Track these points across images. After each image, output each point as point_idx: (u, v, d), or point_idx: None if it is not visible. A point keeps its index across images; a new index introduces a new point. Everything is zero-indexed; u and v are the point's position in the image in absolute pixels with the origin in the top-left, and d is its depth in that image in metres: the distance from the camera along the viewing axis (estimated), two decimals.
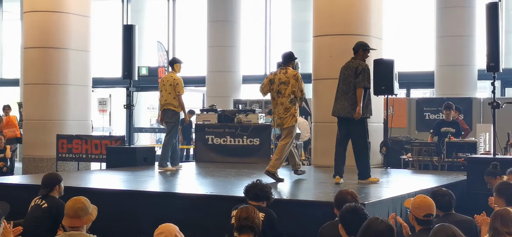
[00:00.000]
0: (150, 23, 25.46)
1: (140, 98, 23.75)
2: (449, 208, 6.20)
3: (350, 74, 9.35)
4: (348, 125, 9.48)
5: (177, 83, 11.67)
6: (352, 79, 9.30)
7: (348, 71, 9.42)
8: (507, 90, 20.39)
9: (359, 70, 9.25)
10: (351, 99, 9.30)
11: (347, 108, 9.34)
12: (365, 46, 9.59)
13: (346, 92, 9.38)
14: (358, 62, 9.38)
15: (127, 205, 8.26)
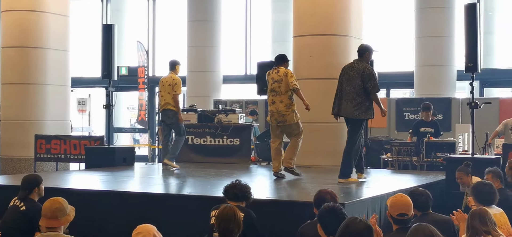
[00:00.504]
0: (130, 23, 25.34)
1: (119, 98, 23.61)
2: (426, 208, 6.23)
3: (356, 76, 9.42)
4: (348, 124, 9.72)
5: (175, 83, 11.86)
6: (358, 80, 9.37)
7: (353, 72, 9.50)
8: (485, 90, 20.55)
9: (366, 74, 9.35)
10: (355, 100, 9.40)
11: (349, 109, 9.46)
12: (371, 49, 9.73)
13: (349, 93, 9.46)
14: (364, 65, 9.47)
15: (105, 206, 8.21)
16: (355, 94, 9.39)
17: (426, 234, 4.45)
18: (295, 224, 6.11)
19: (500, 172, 7.97)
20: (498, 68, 20.49)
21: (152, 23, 24.61)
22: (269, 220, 6.96)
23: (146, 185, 10.57)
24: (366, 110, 9.41)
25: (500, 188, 7.65)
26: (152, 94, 23.45)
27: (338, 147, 12.16)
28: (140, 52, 21.39)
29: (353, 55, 12.44)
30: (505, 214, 6.55)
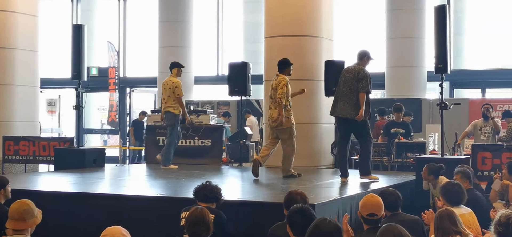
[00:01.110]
0: (100, 23, 25.16)
1: (90, 98, 23.47)
2: (395, 208, 6.25)
3: (352, 77, 9.66)
4: (348, 125, 9.78)
5: (175, 86, 12.01)
6: (353, 82, 9.61)
7: (349, 74, 9.75)
8: (455, 91, 20.74)
9: (361, 75, 9.62)
10: (352, 100, 9.60)
11: (347, 109, 9.62)
12: (370, 55, 10.07)
13: (346, 94, 9.67)
14: (359, 68, 9.74)
15: (75, 208, 8.11)
16: (352, 94, 9.60)
17: (395, 234, 4.45)
18: (266, 225, 6.08)
19: (469, 172, 8.03)
20: (468, 69, 20.71)
21: (123, 24, 24.47)
22: (240, 221, 6.93)
23: (116, 186, 10.47)
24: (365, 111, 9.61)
25: (469, 188, 7.71)
26: (123, 95, 23.31)
27: (312, 148, 12.23)
28: (110, 52, 21.22)
29: (324, 56, 12.53)
30: (474, 214, 6.60)
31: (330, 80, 12.14)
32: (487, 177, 10.40)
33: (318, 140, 12.45)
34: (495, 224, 4.71)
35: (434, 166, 8.86)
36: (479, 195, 8.13)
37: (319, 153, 12.44)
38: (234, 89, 13.32)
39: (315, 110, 12.50)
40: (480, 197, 8.02)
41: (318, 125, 12.53)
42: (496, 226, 4.68)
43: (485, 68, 20.69)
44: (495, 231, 4.70)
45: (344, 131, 9.93)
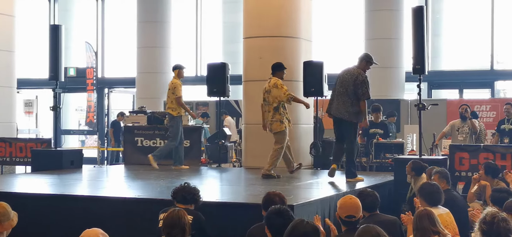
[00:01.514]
0: (78, 23, 24.99)
1: (68, 99, 23.27)
2: (373, 209, 6.26)
3: (349, 79, 9.71)
4: (340, 126, 9.91)
5: (174, 87, 12.06)
6: (351, 84, 9.66)
7: (347, 76, 9.79)
8: (433, 91, 20.87)
9: (359, 80, 9.64)
10: (347, 102, 9.68)
11: (340, 109, 9.75)
12: (371, 59, 10.09)
13: (341, 94, 9.74)
14: (358, 71, 9.78)
15: (52, 210, 8.04)
16: (347, 97, 9.68)
17: (372, 235, 4.46)
18: (244, 226, 6.07)
19: (447, 173, 8.07)
20: (446, 70, 20.86)
21: (101, 24, 24.33)
22: (218, 223, 6.90)
23: (94, 188, 10.40)
24: (356, 114, 9.69)
25: (447, 189, 7.75)
26: (101, 96, 23.17)
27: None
28: (88, 53, 21.11)
29: (303, 56, 12.53)
30: (451, 214, 6.63)
31: (308, 81, 12.16)
32: (464, 177, 10.48)
33: (297, 141, 12.44)
34: (480, 222, 4.73)
35: (419, 164, 8.92)
36: (457, 195, 8.18)
37: (298, 153, 12.42)
38: (212, 90, 13.29)
39: (294, 111, 12.47)
40: (458, 198, 8.07)
41: (296, 125, 12.51)
42: (481, 224, 4.71)
43: (463, 69, 20.85)
44: (480, 229, 4.73)
45: (339, 132, 10.04)
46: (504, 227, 4.64)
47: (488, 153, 10.54)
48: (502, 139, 13.17)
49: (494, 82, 20.44)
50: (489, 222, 4.67)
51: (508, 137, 13.04)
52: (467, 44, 21.21)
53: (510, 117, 13.43)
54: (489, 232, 4.64)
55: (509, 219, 4.74)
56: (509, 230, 4.66)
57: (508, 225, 4.67)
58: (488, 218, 4.70)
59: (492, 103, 17.25)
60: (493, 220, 4.65)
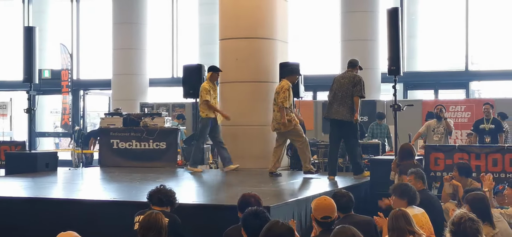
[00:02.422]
0: (53, 25, 24.78)
1: (43, 101, 23.08)
2: (348, 210, 6.28)
3: (347, 83, 10.40)
4: (341, 127, 10.45)
5: (201, 91, 11.86)
6: (350, 87, 10.35)
7: (344, 80, 10.48)
8: (409, 92, 20.99)
9: (356, 80, 10.39)
10: (348, 104, 10.31)
11: (343, 112, 10.33)
12: (359, 64, 10.82)
13: (342, 98, 10.37)
14: (354, 74, 10.51)
15: (27, 214, 7.95)
16: (347, 98, 10.32)
17: (348, 235, 4.48)
18: (220, 228, 6.05)
19: (422, 173, 8.11)
20: (421, 71, 21.00)
21: (76, 25, 24.17)
22: (195, 225, 6.88)
23: (69, 191, 10.31)
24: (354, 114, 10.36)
25: (423, 189, 7.79)
26: (76, 98, 23.00)
27: (266, 150, 12.20)
28: (63, 54, 20.94)
29: (279, 58, 12.54)
30: (427, 214, 6.67)
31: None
32: (439, 177, 10.53)
33: (273, 142, 12.41)
34: (449, 223, 4.82)
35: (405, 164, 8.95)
36: (433, 195, 8.24)
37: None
38: (189, 92, 13.25)
39: (270, 112, 12.47)
40: (433, 198, 8.12)
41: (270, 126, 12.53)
42: (449, 225, 4.81)
43: (438, 69, 21.00)
44: (449, 230, 4.82)
45: (337, 134, 10.61)
46: (470, 227, 4.76)
47: (462, 153, 10.61)
48: (483, 138, 13.30)
49: (469, 82, 20.62)
50: (457, 223, 4.81)
51: (489, 136, 13.19)
52: (442, 45, 21.38)
53: (489, 117, 13.60)
54: (457, 232, 4.76)
55: (476, 219, 4.83)
56: (477, 230, 4.76)
57: (476, 225, 4.78)
58: (456, 219, 4.85)
59: (467, 103, 17.40)
60: (460, 221, 4.77)
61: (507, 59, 20.39)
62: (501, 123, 13.67)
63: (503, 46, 20.65)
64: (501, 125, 13.60)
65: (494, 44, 20.80)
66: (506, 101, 16.58)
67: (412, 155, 9.20)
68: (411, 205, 6.49)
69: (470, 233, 4.74)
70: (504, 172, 10.33)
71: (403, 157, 9.16)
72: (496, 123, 13.56)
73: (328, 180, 10.28)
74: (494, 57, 20.82)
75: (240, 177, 11.04)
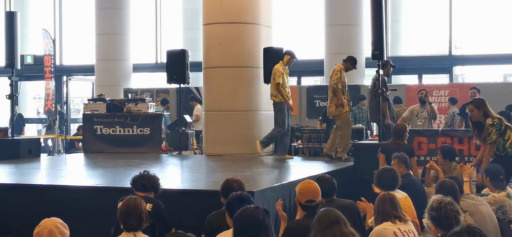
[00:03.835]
0: (35, 10, 24.56)
1: (25, 87, 22.90)
2: (330, 195, 6.28)
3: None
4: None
5: (274, 72, 11.50)
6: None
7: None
8: (393, 77, 21.00)
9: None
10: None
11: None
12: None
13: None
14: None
15: (10, 200, 7.91)
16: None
17: (331, 218, 4.49)
18: (204, 213, 6.04)
19: (406, 157, 8.14)
20: (405, 56, 21.03)
21: (59, 11, 23.97)
22: (178, 210, 6.87)
23: (52, 177, 10.26)
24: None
25: (406, 173, 7.82)
26: (60, 84, 22.84)
27: (249, 135, 12.20)
28: (46, 40, 20.73)
29: (263, 43, 12.50)
30: (410, 198, 6.70)
31: (269, 67, 12.13)
32: (423, 161, 10.58)
33: (257, 127, 12.44)
34: (428, 210, 4.88)
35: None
36: (415, 179, 8.27)
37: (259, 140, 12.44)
38: (172, 77, 13.20)
39: (254, 97, 12.49)
40: (416, 182, 8.15)
41: (257, 112, 12.53)
42: (429, 212, 4.86)
43: (422, 54, 21.06)
44: (429, 216, 4.86)
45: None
46: (451, 209, 4.84)
47: (446, 137, 10.68)
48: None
49: (453, 67, 20.69)
50: (437, 207, 4.87)
51: None
52: (426, 30, 21.44)
53: None
54: (438, 217, 4.81)
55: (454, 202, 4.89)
56: (457, 212, 4.82)
57: (455, 207, 4.86)
58: (435, 204, 4.91)
59: (450, 88, 17.46)
60: (440, 205, 4.82)
61: (490, 44, 20.49)
62: None
63: (486, 31, 20.74)
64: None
65: (477, 28, 20.88)
66: (489, 86, 16.65)
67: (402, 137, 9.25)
68: (392, 189, 6.50)
69: (451, 215, 4.79)
70: None
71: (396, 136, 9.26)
72: None
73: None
74: (477, 41, 20.91)
75: (224, 162, 11.04)
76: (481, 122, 8.56)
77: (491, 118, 8.48)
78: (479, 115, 8.58)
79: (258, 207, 4.40)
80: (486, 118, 8.50)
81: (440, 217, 4.81)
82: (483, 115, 8.55)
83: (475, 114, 8.63)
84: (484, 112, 8.56)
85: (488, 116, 8.52)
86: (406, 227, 5.45)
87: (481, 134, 8.57)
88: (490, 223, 6.49)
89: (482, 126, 8.54)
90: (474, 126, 8.72)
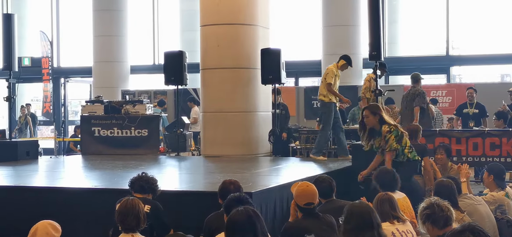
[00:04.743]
0: (32, 12, 24.54)
1: (23, 90, 22.92)
2: (329, 195, 6.25)
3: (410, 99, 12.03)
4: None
5: (327, 73, 11.56)
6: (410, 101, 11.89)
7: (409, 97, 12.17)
8: (390, 77, 21.03)
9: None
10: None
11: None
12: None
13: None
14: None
15: (8, 202, 7.90)
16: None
17: (364, 213, 4.56)
18: (203, 215, 6.04)
19: None
20: (402, 56, 21.05)
21: (56, 13, 23.94)
22: (177, 212, 6.87)
23: (50, 179, 10.26)
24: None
25: None
26: (57, 86, 22.84)
27: (247, 137, 12.21)
28: (43, 42, 20.77)
29: (260, 44, 12.51)
30: (408, 198, 6.71)
31: (266, 68, 12.15)
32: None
33: (255, 128, 12.45)
34: (420, 212, 4.86)
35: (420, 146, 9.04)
36: (414, 180, 8.27)
37: (257, 141, 12.45)
38: (170, 78, 13.19)
39: (252, 98, 12.49)
40: (415, 182, 8.17)
41: (255, 113, 12.53)
42: (422, 214, 4.84)
43: (419, 55, 21.07)
44: (423, 217, 4.84)
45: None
46: (443, 204, 4.85)
47: (444, 137, 10.70)
48: (466, 122, 13.39)
49: (450, 67, 20.72)
50: (429, 206, 4.87)
51: (473, 120, 13.28)
52: (423, 30, 21.44)
53: (473, 101, 13.70)
54: (432, 214, 4.80)
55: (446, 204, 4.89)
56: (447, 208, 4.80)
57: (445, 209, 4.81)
58: (426, 204, 4.91)
59: (448, 88, 17.49)
60: (431, 203, 4.83)
61: (487, 44, 20.50)
62: (485, 108, 13.75)
63: (483, 31, 20.75)
64: (485, 110, 13.69)
65: (474, 28, 20.89)
66: (487, 86, 16.67)
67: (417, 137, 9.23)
68: (393, 191, 6.51)
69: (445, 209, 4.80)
70: (485, 156, 10.44)
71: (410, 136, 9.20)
72: (480, 108, 13.66)
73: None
74: (474, 41, 20.92)
75: (222, 163, 11.04)
76: (375, 129, 8.25)
77: (388, 125, 8.12)
78: (375, 121, 8.23)
79: (247, 208, 4.40)
80: (381, 125, 8.16)
81: (435, 213, 4.80)
82: (378, 121, 8.21)
83: (371, 120, 8.27)
84: (380, 118, 8.21)
85: (384, 122, 8.17)
86: (405, 227, 5.46)
87: (372, 140, 8.33)
88: (488, 223, 6.49)
89: (375, 133, 8.25)
90: (368, 132, 8.37)
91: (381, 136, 8.15)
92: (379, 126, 8.19)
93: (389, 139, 8.03)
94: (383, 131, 8.10)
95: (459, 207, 6.17)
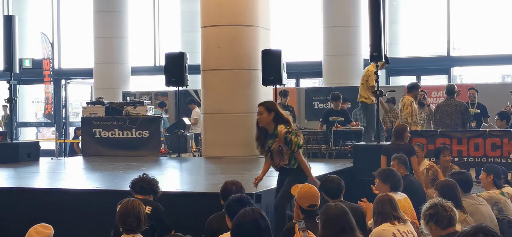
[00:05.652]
0: (33, 14, 24.55)
1: (24, 91, 22.93)
2: (337, 196, 6.21)
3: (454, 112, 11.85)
4: None
5: (369, 75, 11.50)
6: (458, 115, 11.76)
7: (450, 109, 11.95)
8: (391, 78, 21.04)
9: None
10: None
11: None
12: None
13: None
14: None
15: (9, 204, 7.90)
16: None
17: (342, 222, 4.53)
18: (204, 216, 6.04)
19: (405, 158, 8.14)
20: (403, 57, 21.03)
21: (57, 14, 23.94)
22: (178, 213, 6.87)
23: (52, 180, 10.28)
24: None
25: (405, 174, 7.82)
26: (58, 87, 22.85)
27: (247, 137, 12.17)
28: (44, 44, 20.77)
29: (261, 45, 12.51)
30: (409, 199, 6.70)
31: (267, 69, 12.15)
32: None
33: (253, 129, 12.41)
34: (424, 212, 4.89)
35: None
36: (415, 180, 8.27)
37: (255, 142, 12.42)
38: (171, 80, 13.19)
39: (252, 99, 12.46)
40: (415, 183, 8.15)
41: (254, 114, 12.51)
42: (426, 214, 4.88)
43: (420, 55, 21.07)
44: (426, 217, 4.86)
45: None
46: (446, 205, 4.89)
47: (445, 138, 10.68)
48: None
49: (451, 68, 20.71)
50: (433, 206, 4.91)
51: (475, 120, 13.28)
52: (424, 31, 21.42)
53: (475, 101, 13.70)
54: (436, 214, 4.85)
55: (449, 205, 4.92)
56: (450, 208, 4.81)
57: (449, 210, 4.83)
58: (429, 204, 4.96)
59: None
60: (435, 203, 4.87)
61: (488, 44, 20.49)
62: (486, 108, 13.75)
63: (484, 31, 20.74)
64: (486, 110, 13.70)
65: (475, 29, 20.87)
66: (488, 86, 16.66)
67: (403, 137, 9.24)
68: (395, 191, 6.51)
69: (448, 209, 4.83)
70: (486, 157, 10.42)
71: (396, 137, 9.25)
72: (481, 108, 13.67)
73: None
74: (475, 42, 20.91)
75: (223, 164, 11.04)
76: (268, 129, 7.21)
77: (284, 125, 7.09)
78: (269, 120, 7.13)
79: (254, 209, 4.38)
80: (277, 124, 7.11)
81: (438, 213, 4.83)
82: (273, 120, 7.13)
83: (265, 118, 7.15)
84: (275, 116, 7.14)
85: (279, 122, 7.13)
86: (405, 228, 5.45)
87: (265, 143, 7.30)
88: (490, 223, 6.47)
89: (270, 135, 7.24)
90: (260, 131, 7.32)
91: (276, 137, 7.15)
92: (273, 125, 7.15)
93: (291, 140, 7.05)
94: (281, 131, 7.07)
95: (462, 208, 6.17)
